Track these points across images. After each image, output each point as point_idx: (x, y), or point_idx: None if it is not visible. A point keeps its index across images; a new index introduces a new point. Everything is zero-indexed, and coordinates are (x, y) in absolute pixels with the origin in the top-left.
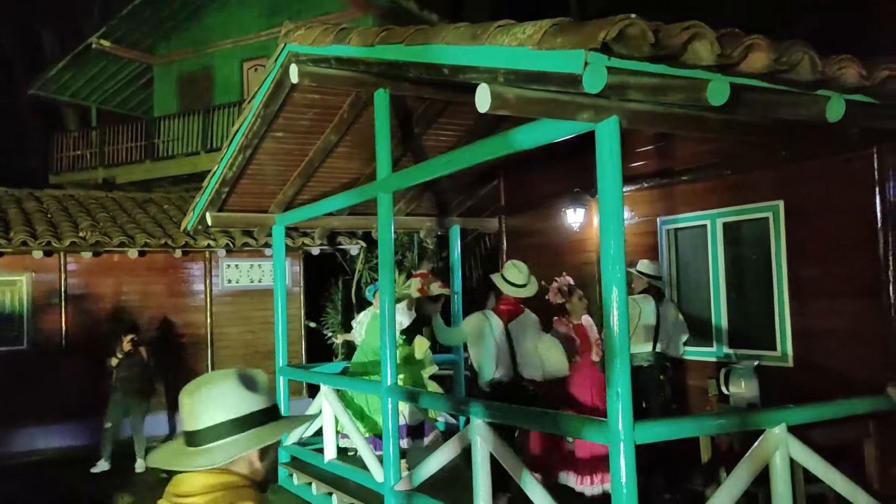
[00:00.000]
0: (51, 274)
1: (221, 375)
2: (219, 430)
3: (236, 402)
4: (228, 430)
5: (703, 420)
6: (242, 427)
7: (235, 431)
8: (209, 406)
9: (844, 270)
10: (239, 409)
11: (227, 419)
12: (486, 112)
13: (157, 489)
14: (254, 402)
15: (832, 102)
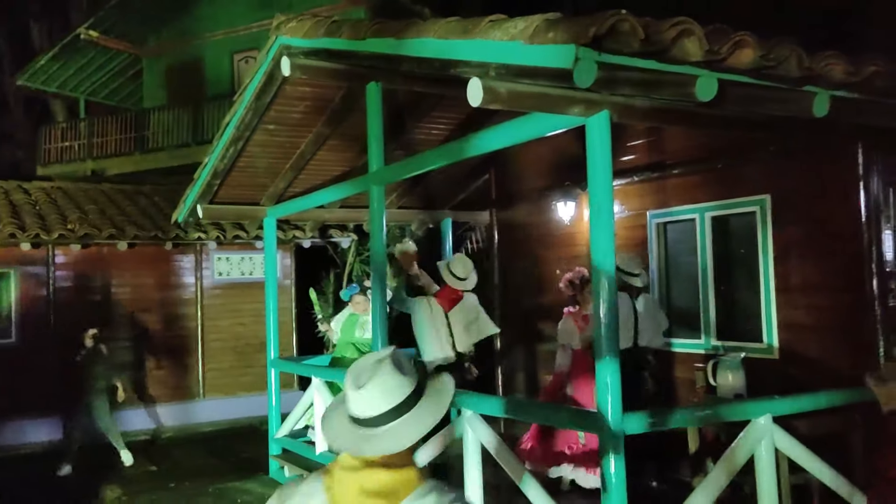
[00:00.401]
0: (39, 266)
1: (380, 363)
2: (389, 416)
3: (399, 386)
4: (397, 414)
5: (690, 411)
6: (407, 409)
7: (403, 413)
8: (378, 394)
9: (829, 264)
10: (403, 393)
11: (394, 405)
12: (477, 106)
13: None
14: (410, 384)
15: (818, 98)
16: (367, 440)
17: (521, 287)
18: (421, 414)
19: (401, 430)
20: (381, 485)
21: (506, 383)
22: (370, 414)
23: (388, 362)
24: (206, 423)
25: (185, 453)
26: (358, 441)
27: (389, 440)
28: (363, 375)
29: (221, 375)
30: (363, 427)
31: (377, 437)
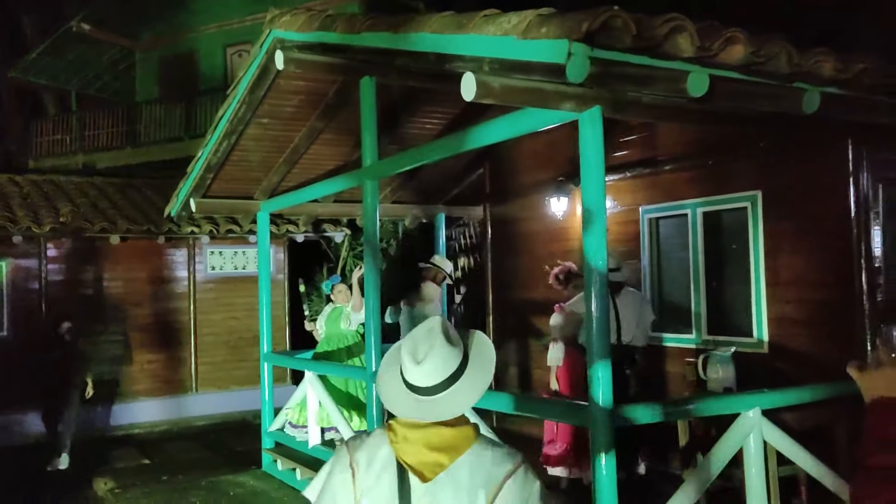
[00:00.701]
0: (31, 259)
1: (432, 334)
2: (446, 384)
3: (452, 356)
4: (452, 382)
5: (679, 405)
6: (460, 376)
7: (456, 380)
8: (434, 364)
9: (819, 259)
10: (455, 363)
11: (449, 374)
12: (471, 101)
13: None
14: (459, 352)
15: (808, 95)
16: (428, 408)
17: (514, 282)
18: (473, 379)
19: (457, 397)
20: (443, 440)
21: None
22: (428, 384)
23: (440, 334)
24: (199, 417)
25: (178, 447)
26: (419, 409)
27: (447, 406)
28: (420, 349)
29: (214, 369)
30: (422, 395)
31: (436, 403)
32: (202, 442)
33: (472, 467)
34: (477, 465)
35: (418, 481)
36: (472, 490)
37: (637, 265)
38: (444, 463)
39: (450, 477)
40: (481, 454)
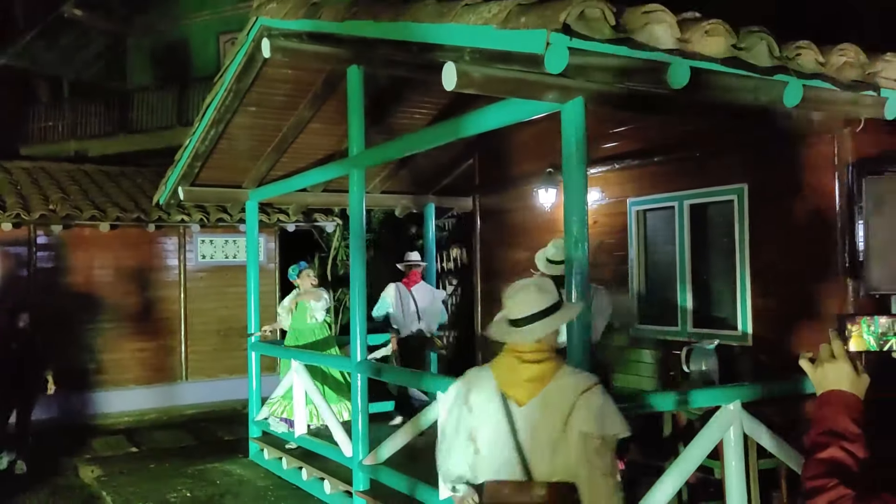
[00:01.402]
0: (20, 247)
1: (526, 285)
2: (531, 318)
3: (539, 301)
4: (537, 317)
5: (661, 396)
6: (545, 315)
7: (541, 318)
8: (525, 304)
9: (804, 252)
10: (540, 305)
11: (536, 311)
12: (452, 90)
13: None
14: (547, 300)
15: (790, 87)
16: (511, 333)
17: (503, 273)
18: (550, 320)
19: (534, 328)
20: (532, 373)
21: None
22: (516, 317)
23: (532, 285)
24: (188, 406)
25: (167, 435)
26: (506, 333)
27: (526, 334)
28: (515, 293)
29: (204, 358)
30: (512, 326)
31: (519, 332)
32: (190, 430)
33: (557, 391)
34: (561, 389)
35: (517, 405)
36: (557, 407)
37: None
38: (535, 390)
39: (541, 399)
40: (564, 380)
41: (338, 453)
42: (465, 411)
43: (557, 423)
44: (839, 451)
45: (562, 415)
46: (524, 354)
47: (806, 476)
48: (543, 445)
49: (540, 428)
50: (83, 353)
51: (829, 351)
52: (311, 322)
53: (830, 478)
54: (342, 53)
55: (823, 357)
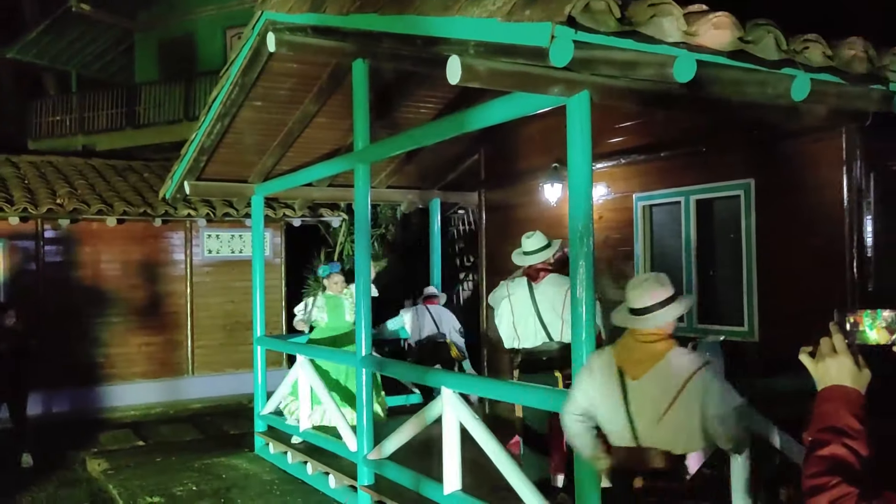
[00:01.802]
0: (28, 241)
1: (647, 278)
2: (651, 308)
3: (658, 293)
4: (656, 307)
5: None
6: (662, 306)
7: (660, 308)
8: (645, 296)
9: (811, 248)
10: (660, 297)
11: (656, 302)
12: (456, 84)
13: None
14: (665, 292)
15: (797, 81)
16: (634, 321)
17: (508, 268)
18: (666, 311)
19: (656, 317)
20: (647, 352)
21: (490, 363)
22: (637, 307)
23: (652, 278)
24: (194, 400)
25: (173, 429)
26: (628, 321)
27: (648, 322)
28: (637, 286)
29: (210, 353)
30: (632, 315)
31: (640, 319)
32: (196, 424)
33: (669, 368)
34: (673, 367)
35: (631, 379)
36: (668, 383)
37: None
38: (648, 367)
39: (653, 375)
40: (676, 360)
41: (342, 448)
42: (590, 379)
43: (666, 397)
44: (841, 448)
45: (672, 390)
46: (642, 336)
47: (807, 474)
48: (650, 416)
49: (649, 400)
50: (90, 347)
51: (830, 345)
52: (349, 319)
53: (832, 476)
54: (347, 47)
55: (824, 351)
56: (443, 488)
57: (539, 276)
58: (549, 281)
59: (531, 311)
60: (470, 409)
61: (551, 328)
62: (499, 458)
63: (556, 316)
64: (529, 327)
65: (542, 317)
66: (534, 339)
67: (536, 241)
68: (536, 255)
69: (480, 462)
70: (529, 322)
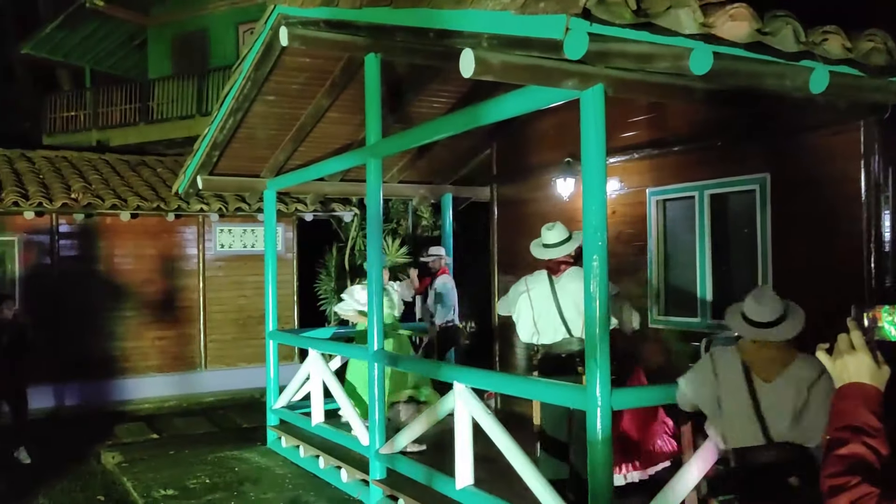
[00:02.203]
0: (43, 235)
1: (769, 296)
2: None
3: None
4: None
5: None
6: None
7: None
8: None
9: (827, 243)
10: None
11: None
12: (469, 77)
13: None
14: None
15: (816, 74)
16: (763, 334)
17: (519, 263)
18: (792, 323)
19: (783, 330)
20: (777, 356)
21: (502, 358)
22: (763, 321)
23: (772, 295)
24: (207, 394)
25: (186, 422)
26: (757, 335)
27: (777, 334)
28: (760, 300)
29: (223, 347)
30: (758, 327)
31: (770, 333)
32: (209, 418)
33: (798, 371)
34: (800, 370)
35: (762, 381)
36: (800, 384)
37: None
38: (780, 370)
39: (786, 377)
40: (802, 364)
41: (355, 442)
42: (712, 377)
43: (801, 397)
44: (860, 446)
45: (804, 391)
46: (770, 343)
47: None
48: (786, 414)
49: (786, 400)
50: (104, 341)
51: (847, 342)
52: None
53: (852, 475)
54: (360, 41)
55: (842, 348)
56: (455, 483)
57: (560, 270)
58: (571, 275)
59: (552, 306)
60: (482, 404)
61: (572, 324)
62: (511, 453)
63: (577, 312)
64: (550, 322)
65: (563, 312)
66: (553, 334)
67: (557, 234)
68: (558, 249)
69: (492, 457)
70: (550, 317)
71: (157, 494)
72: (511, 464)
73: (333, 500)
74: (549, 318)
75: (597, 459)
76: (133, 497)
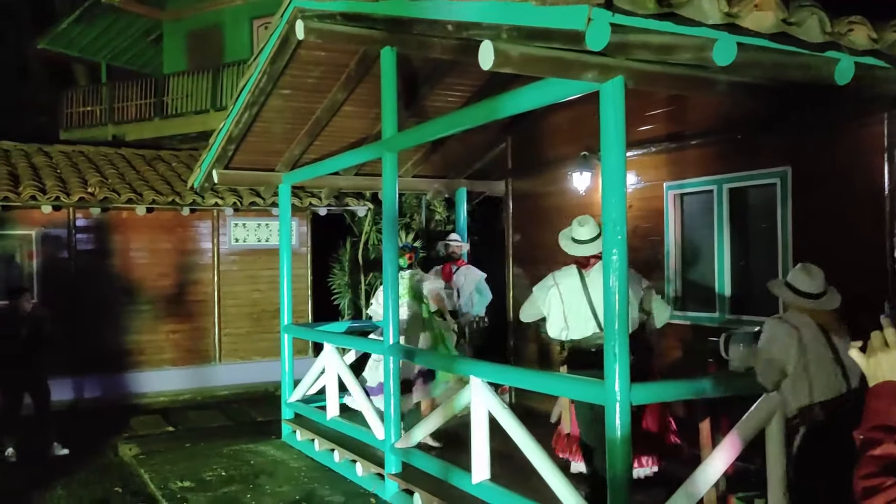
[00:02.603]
0: (60, 229)
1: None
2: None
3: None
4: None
5: (697, 383)
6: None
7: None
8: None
9: (850, 237)
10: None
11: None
12: (488, 70)
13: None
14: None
15: (841, 64)
16: (820, 304)
17: (534, 257)
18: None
19: (833, 300)
20: (827, 321)
21: (517, 353)
22: (816, 292)
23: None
24: (221, 387)
25: (201, 415)
26: (815, 304)
27: (829, 303)
28: (811, 274)
29: (237, 341)
30: (812, 298)
31: (823, 302)
32: (224, 411)
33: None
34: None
35: (838, 339)
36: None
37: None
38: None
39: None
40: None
41: (370, 436)
42: (795, 337)
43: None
44: (894, 446)
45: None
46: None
47: (860, 475)
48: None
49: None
50: (120, 335)
51: (881, 339)
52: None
53: (887, 476)
54: (376, 34)
55: (876, 346)
56: (471, 477)
57: (590, 263)
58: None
59: (583, 299)
60: (499, 399)
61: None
62: (528, 448)
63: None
64: (581, 316)
65: (594, 306)
66: (584, 328)
67: (589, 231)
68: (588, 246)
69: (508, 453)
70: (581, 311)
71: (174, 486)
72: (527, 459)
73: (349, 494)
74: (579, 313)
75: (615, 455)
76: (150, 489)
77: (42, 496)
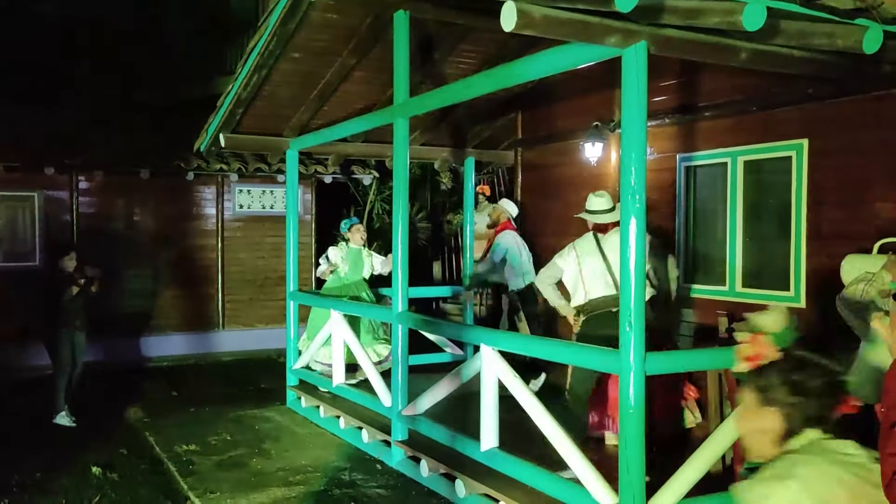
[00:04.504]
0: (63, 192)
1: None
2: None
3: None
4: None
5: (711, 353)
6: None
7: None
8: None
9: (864, 211)
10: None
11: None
12: (510, 31)
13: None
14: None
15: (869, 33)
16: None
17: (545, 229)
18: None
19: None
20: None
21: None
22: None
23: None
24: (225, 353)
25: (205, 381)
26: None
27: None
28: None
29: (240, 307)
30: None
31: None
32: (228, 377)
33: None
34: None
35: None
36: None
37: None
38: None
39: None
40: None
41: (376, 403)
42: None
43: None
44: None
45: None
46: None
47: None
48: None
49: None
50: (123, 299)
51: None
52: (366, 274)
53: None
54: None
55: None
56: (479, 445)
57: (608, 229)
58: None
59: (598, 261)
60: (509, 367)
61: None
62: (536, 414)
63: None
64: (598, 276)
65: (611, 267)
66: (604, 287)
67: (605, 202)
68: (603, 216)
69: (513, 422)
70: (597, 271)
71: (179, 449)
72: (535, 425)
73: (354, 460)
74: (595, 274)
75: (629, 427)
76: (156, 452)
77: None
